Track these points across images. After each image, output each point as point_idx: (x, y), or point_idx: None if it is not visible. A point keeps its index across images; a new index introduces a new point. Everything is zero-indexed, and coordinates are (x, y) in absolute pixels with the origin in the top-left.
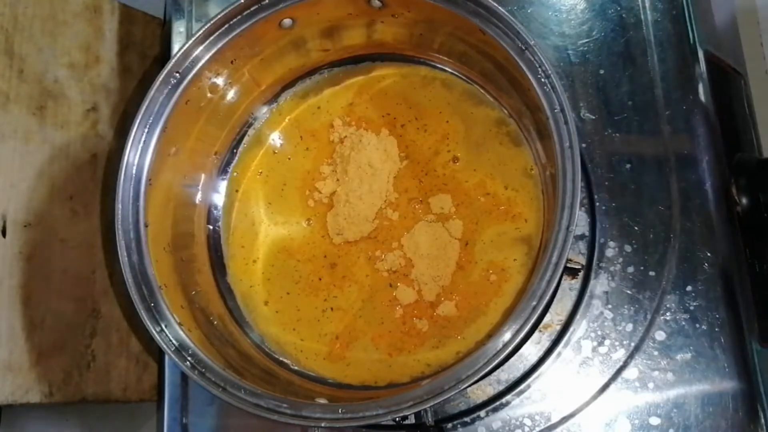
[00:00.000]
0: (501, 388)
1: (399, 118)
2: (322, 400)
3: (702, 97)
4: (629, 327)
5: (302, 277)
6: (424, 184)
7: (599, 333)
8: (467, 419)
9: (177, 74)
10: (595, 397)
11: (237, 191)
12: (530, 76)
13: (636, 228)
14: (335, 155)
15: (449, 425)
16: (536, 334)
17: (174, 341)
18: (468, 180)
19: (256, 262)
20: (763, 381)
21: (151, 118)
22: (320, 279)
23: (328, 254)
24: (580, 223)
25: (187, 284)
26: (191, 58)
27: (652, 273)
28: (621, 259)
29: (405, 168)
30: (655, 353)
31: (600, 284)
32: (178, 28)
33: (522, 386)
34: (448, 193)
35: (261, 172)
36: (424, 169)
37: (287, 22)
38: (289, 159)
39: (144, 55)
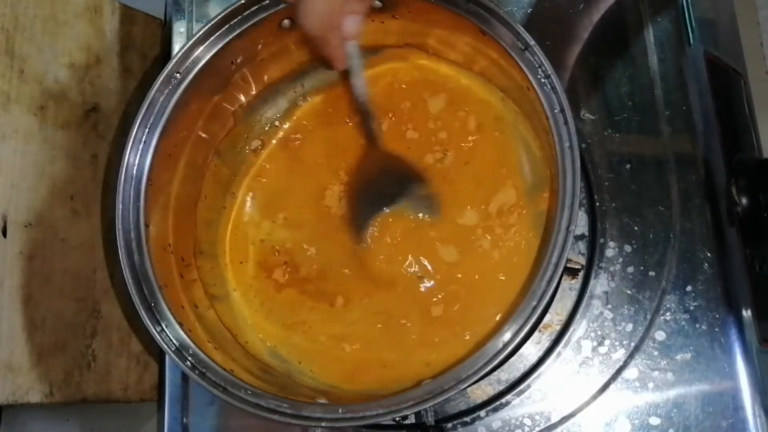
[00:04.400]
0: (501, 387)
1: (398, 119)
2: (323, 400)
3: (702, 98)
4: (629, 327)
5: (305, 277)
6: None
7: (599, 333)
8: (467, 419)
9: (177, 75)
10: (595, 397)
11: (237, 191)
12: (530, 77)
13: (636, 228)
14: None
15: (449, 425)
16: (536, 334)
17: (174, 341)
18: (463, 178)
19: (257, 262)
20: (763, 381)
21: (152, 119)
22: (322, 279)
23: (330, 255)
24: (580, 223)
25: (188, 284)
26: (192, 58)
27: (652, 273)
28: (621, 260)
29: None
30: (655, 353)
31: (600, 284)
32: (179, 29)
33: (522, 386)
34: (446, 192)
35: (261, 172)
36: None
37: (287, 22)
38: (289, 158)
39: (144, 55)
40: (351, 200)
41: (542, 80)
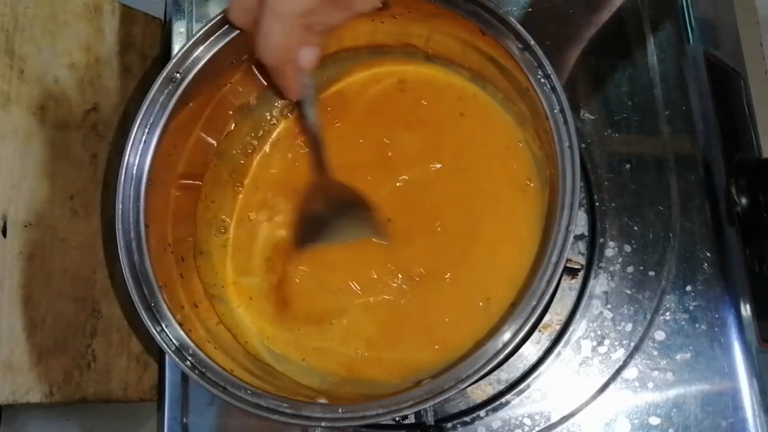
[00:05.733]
0: (501, 387)
1: (397, 119)
2: (323, 400)
3: (702, 98)
4: (629, 327)
5: (304, 276)
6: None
7: (599, 333)
8: (467, 419)
9: (177, 75)
10: (594, 397)
11: (237, 191)
12: (530, 77)
13: (636, 228)
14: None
15: (449, 425)
16: (536, 334)
17: (174, 341)
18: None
19: (257, 261)
20: (763, 381)
21: (152, 119)
22: (323, 278)
23: (332, 254)
24: (580, 223)
25: (188, 284)
26: (191, 58)
27: (651, 273)
28: (621, 259)
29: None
30: (655, 353)
31: (600, 284)
32: (179, 29)
33: (522, 386)
34: (444, 193)
35: (261, 173)
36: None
37: None
38: (289, 159)
39: (144, 55)
40: (299, 228)
41: (542, 80)
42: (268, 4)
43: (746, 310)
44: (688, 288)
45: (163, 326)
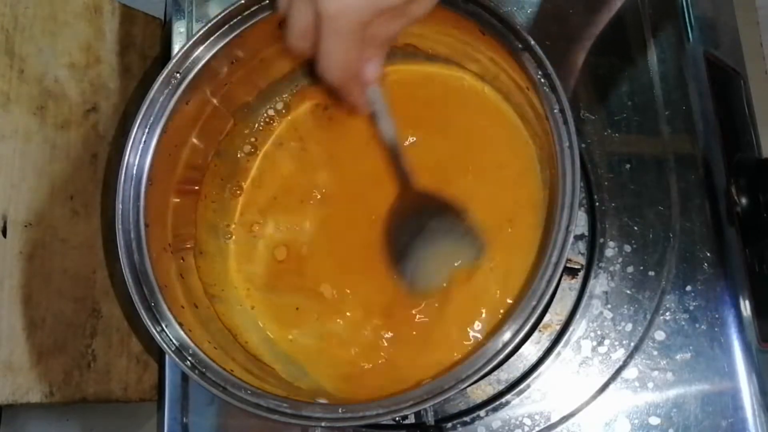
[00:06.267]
0: (501, 387)
1: (396, 119)
2: (322, 400)
3: (702, 98)
4: (629, 327)
5: (305, 278)
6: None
7: (599, 333)
8: (467, 419)
9: (177, 75)
10: (594, 397)
11: (237, 191)
12: (530, 77)
13: (636, 228)
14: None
15: (449, 425)
16: (536, 334)
17: (174, 341)
18: (464, 183)
19: (258, 261)
20: (763, 381)
21: (152, 119)
22: (324, 280)
23: (332, 255)
24: (580, 223)
25: (188, 284)
26: (192, 58)
27: (651, 273)
28: (620, 259)
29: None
30: (655, 353)
31: (600, 284)
32: (179, 29)
33: (522, 386)
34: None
35: (261, 173)
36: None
37: None
38: (290, 160)
39: (144, 55)
40: (389, 242)
41: (542, 80)
42: (324, 24)
43: (746, 310)
44: (688, 288)
45: (163, 326)
